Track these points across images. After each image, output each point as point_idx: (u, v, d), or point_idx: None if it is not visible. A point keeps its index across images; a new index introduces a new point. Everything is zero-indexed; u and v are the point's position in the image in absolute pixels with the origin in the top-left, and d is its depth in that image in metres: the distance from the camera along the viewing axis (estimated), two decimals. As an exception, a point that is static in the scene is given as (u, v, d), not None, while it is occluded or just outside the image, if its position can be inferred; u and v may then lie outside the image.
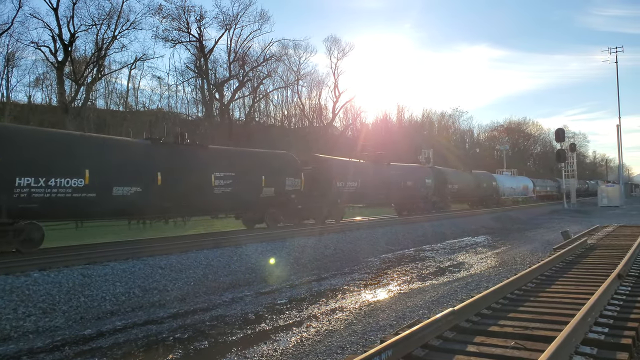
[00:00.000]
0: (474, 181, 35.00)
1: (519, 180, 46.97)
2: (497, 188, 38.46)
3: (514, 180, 45.36)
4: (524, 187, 46.71)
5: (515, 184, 44.61)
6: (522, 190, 45.78)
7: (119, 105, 45.78)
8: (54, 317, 7.80)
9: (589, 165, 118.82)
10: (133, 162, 13.63)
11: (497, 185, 38.69)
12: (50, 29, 35.41)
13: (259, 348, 6.16)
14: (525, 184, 47.58)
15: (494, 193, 37.81)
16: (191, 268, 10.99)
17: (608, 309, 5.94)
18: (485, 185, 36.26)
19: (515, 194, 44.04)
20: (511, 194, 42.57)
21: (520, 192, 45.35)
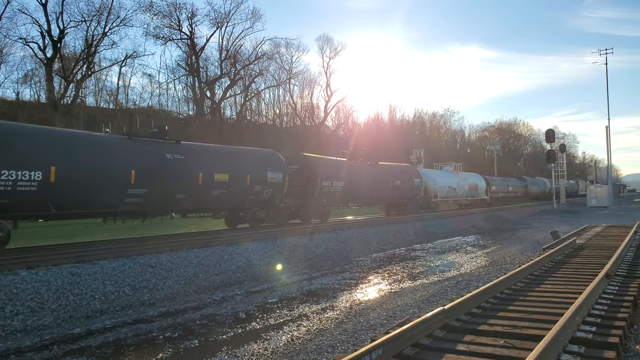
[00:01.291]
0: (377, 177, 24.99)
1: (464, 178, 37.63)
2: (427, 187, 31.06)
3: (454, 177, 36.03)
4: (472, 187, 38.37)
5: (456, 182, 35.60)
6: (467, 191, 37.14)
7: (109, 102, 45.45)
8: (43, 316, 7.72)
9: (579, 165, 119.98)
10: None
11: (427, 183, 31.03)
12: (39, 24, 35.07)
13: (250, 347, 6.15)
14: (474, 182, 39.02)
15: (417, 193, 29.41)
16: (181, 267, 10.94)
17: (596, 308, 6.01)
18: (400, 184, 26.90)
19: (458, 195, 35.64)
20: (450, 194, 34.46)
21: (465, 192, 36.74)
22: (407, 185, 27.21)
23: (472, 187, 38.13)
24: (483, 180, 41.19)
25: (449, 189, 34.30)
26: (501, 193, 46.74)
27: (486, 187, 40.85)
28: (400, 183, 26.34)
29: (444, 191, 33.34)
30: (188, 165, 15.11)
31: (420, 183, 28.52)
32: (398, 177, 26.36)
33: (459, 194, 36.03)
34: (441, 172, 35.95)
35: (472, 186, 38.27)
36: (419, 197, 29.41)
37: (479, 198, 39.62)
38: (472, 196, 38.26)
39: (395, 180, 26.00)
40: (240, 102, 51.96)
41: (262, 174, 17.78)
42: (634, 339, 5.25)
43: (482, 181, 40.88)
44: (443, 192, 33.29)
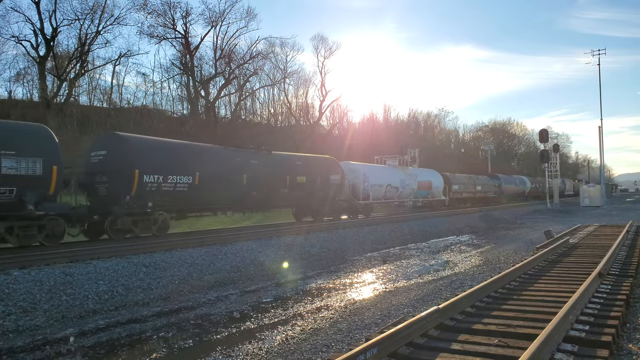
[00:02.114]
0: (267, 172, 18.21)
1: (412, 175, 29.95)
2: (354, 186, 24.04)
3: (396, 174, 28.34)
4: (424, 186, 30.89)
5: (399, 179, 28.07)
6: (416, 191, 29.80)
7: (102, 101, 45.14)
8: (35, 316, 7.67)
9: (572, 165, 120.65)
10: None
11: (354, 180, 24.03)
12: (31, 23, 34.75)
13: (244, 347, 6.13)
14: (426, 179, 31.44)
15: (336, 193, 22.16)
16: (175, 266, 10.90)
17: (589, 306, 6.04)
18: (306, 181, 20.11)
19: (402, 195, 28.55)
20: (390, 195, 27.28)
21: (412, 192, 29.38)
22: (317, 183, 20.75)
23: (423, 185, 30.86)
24: (440, 177, 33.89)
25: (389, 189, 26.94)
26: (466, 193, 39.88)
27: (444, 187, 34.08)
28: (306, 180, 20.15)
29: (379, 191, 26.06)
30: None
31: (339, 180, 22.19)
32: (302, 172, 20.16)
33: (405, 195, 28.70)
34: (377, 167, 28.41)
35: (424, 185, 31.01)
36: (341, 198, 22.77)
37: (434, 199, 32.62)
38: (424, 197, 31.30)
39: (297, 177, 19.77)
40: (235, 101, 51.84)
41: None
42: (626, 338, 5.28)
43: (439, 179, 33.48)
44: (379, 192, 25.98)
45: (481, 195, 43.12)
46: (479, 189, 42.44)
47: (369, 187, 24.98)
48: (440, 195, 33.56)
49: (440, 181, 33.72)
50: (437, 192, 33.19)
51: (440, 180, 33.71)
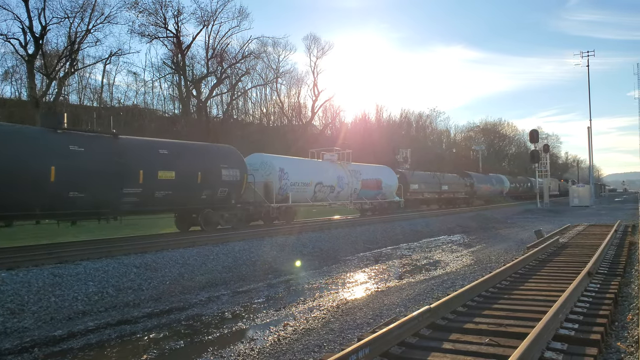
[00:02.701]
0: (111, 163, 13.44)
1: (354, 172, 24.93)
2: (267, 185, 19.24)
3: (330, 170, 23.40)
4: (372, 185, 26.27)
5: (335, 177, 23.28)
6: (360, 191, 25.13)
7: (92, 100, 44.78)
8: (23, 318, 7.58)
9: (562, 165, 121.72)
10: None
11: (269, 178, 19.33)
12: (20, 21, 34.34)
13: (236, 347, 6.11)
14: (374, 178, 26.65)
15: (232, 194, 17.16)
16: (167, 267, 10.84)
17: (578, 305, 6.09)
18: (179, 178, 15.00)
19: (340, 197, 23.70)
20: (322, 196, 22.31)
21: (355, 193, 24.76)
22: (197, 180, 15.56)
23: (370, 184, 26.01)
24: (393, 175, 29.01)
25: (321, 188, 21.94)
26: (429, 193, 34.96)
27: (400, 186, 29.53)
28: (175, 176, 14.76)
29: (305, 191, 21.10)
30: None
31: (238, 177, 17.15)
32: (169, 166, 14.66)
33: (344, 196, 23.83)
34: (300, 161, 23.15)
35: (371, 184, 26.11)
36: (247, 200, 18.55)
37: (385, 201, 27.69)
38: (372, 198, 26.50)
39: (158, 171, 14.34)
40: (227, 101, 51.65)
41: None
42: (615, 336, 5.33)
43: (392, 177, 28.59)
44: (304, 192, 21.05)
45: (448, 196, 38.63)
46: (445, 189, 37.72)
47: (287, 186, 19.97)
48: (393, 195, 28.59)
49: (394, 179, 28.81)
50: (390, 193, 28.23)
51: (393, 179, 28.76)
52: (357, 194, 25.07)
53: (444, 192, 37.61)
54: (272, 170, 19.71)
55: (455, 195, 39.81)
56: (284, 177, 19.97)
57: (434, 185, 36.06)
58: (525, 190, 59.67)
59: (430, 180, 35.93)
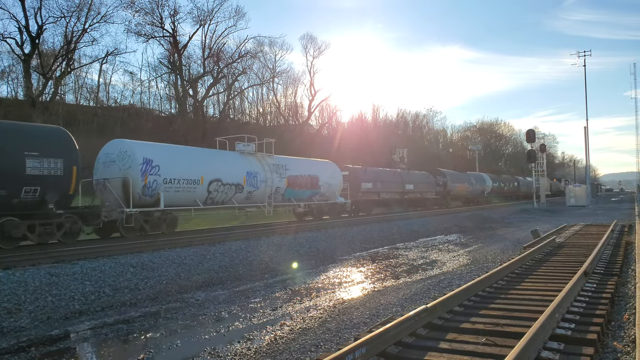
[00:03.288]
0: None
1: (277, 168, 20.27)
2: (125, 184, 14.74)
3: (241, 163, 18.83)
4: (308, 183, 21.85)
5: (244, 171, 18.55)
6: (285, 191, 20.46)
7: (89, 100, 44.69)
8: (20, 317, 7.56)
9: (558, 165, 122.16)
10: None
11: (126, 174, 14.75)
12: (16, 20, 34.24)
13: (233, 347, 6.10)
14: (308, 174, 21.93)
15: (53, 197, 12.27)
16: (163, 266, 10.82)
17: (575, 305, 6.12)
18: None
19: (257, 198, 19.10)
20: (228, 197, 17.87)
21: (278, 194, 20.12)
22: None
23: (302, 183, 21.14)
24: (337, 171, 24.34)
25: (217, 187, 16.97)
26: (388, 194, 30.00)
27: (346, 185, 24.95)
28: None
29: (192, 192, 16.31)
30: None
31: (62, 172, 12.58)
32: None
33: (258, 197, 18.85)
34: (182, 149, 17.77)
35: (303, 182, 21.24)
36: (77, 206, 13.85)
37: (327, 203, 23.30)
38: (306, 199, 22.05)
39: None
40: (223, 100, 51.59)
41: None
42: (611, 335, 5.35)
43: (335, 174, 23.95)
44: (189, 193, 16.25)
45: (414, 197, 33.75)
46: (410, 189, 32.73)
47: (158, 185, 15.07)
48: (335, 196, 23.82)
49: (337, 177, 24.09)
50: (332, 193, 23.38)
51: (336, 176, 23.97)
52: (281, 195, 20.23)
53: (408, 192, 32.56)
54: (133, 162, 14.67)
55: (423, 196, 34.81)
56: (151, 172, 14.90)
57: (394, 184, 31.04)
58: (511, 190, 56.26)
59: (390, 178, 30.78)
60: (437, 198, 37.28)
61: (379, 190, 29.43)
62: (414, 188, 33.33)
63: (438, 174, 38.76)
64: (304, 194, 21.99)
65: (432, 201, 36.53)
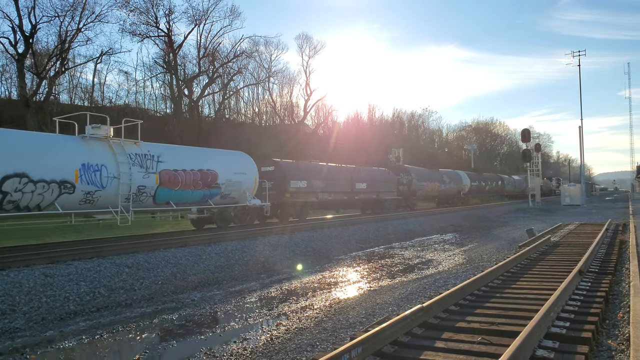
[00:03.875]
0: None
1: (144, 158, 14.91)
2: None
3: (73, 151, 13.24)
4: (202, 181, 16.81)
5: (81, 166, 13.07)
6: (157, 191, 15.11)
7: (84, 100, 44.45)
8: (14, 319, 7.51)
9: (553, 165, 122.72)
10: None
11: None
12: (10, 19, 34.03)
13: (229, 347, 6.09)
14: (198, 169, 16.72)
15: None
16: (159, 267, 10.79)
17: (570, 304, 6.14)
18: None
19: (104, 200, 13.78)
20: (31, 200, 11.95)
21: (145, 195, 14.83)
22: None
23: (187, 181, 16.12)
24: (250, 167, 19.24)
25: (24, 186, 11.83)
26: (328, 194, 24.88)
27: (262, 184, 19.91)
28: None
29: None
30: None
31: None
32: None
33: (107, 200, 13.88)
34: None
35: (190, 179, 16.21)
36: None
37: (237, 206, 18.68)
38: (197, 202, 17.19)
39: None
40: (219, 100, 51.49)
41: None
42: (606, 334, 5.38)
43: (247, 170, 18.92)
44: None
45: (367, 197, 28.38)
46: (362, 188, 27.51)
47: None
48: (247, 197, 18.61)
49: (249, 173, 18.92)
50: (240, 193, 18.36)
51: (248, 172, 18.87)
52: (151, 197, 15.03)
53: (359, 192, 27.42)
54: None
55: (380, 197, 29.40)
56: None
57: (340, 183, 25.85)
58: (494, 190, 51.52)
59: (334, 175, 25.71)
60: (398, 199, 32.01)
61: (316, 191, 23.96)
62: (367, 187, 28.10)
63: (402, 171, 33.79)
64: (193, 195, 16.57)
65: (392, 203, 31.04)
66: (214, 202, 17.68)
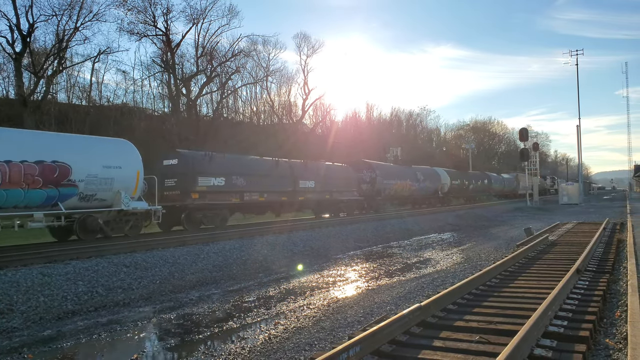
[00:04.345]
0: None
1: None
2: None
3: None
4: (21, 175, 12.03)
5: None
6: None
7: (81, 99, 44.32)
8: (12, 318, 7.50)
9: (551, 164, 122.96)
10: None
11: None
12: (7, 18, 33.86)
13: (227, 346, 6.09)
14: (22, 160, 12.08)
15: None
16: (157, 266, 10.78)
17: (567, 302, 6.15)
18: None
19: None
20: None
21: None
22: None
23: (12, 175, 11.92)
24: (128, 156, 15.32)
25: None
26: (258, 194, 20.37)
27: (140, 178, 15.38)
28: None
29: None
30: None
31: None
32: None
33: None
34: None
35: (16, 173, 12.02)
36: None
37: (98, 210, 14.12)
38: (39, 205, 12.67)
39: None
40: (217, 99, 51.39)
41: None
42: (603, 333, 5.39)
43: (123, 161, 14.96)
44: None
45: (318, 198, 23.91)
46: (307, 187, 23.16)
47: None
48: (122, 199, 14.47)
49: (129, 166, 15.06)
50: (111, 194, 14.37)
51: (127, 164, 15.01)
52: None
53: (304, 191, 22.94)
54: None
55: (334, 197, 25.08)
56: None
57: (276, 181, 21.29)
58: (480, 189, 46.52)
59: (267, 171, 21.17)
60: (359, 200, 27.68)
61: (240, 189, 19.54)
62: (316, 186, 23.62)
63: (365, 168, 29.12)
64: (29, 196, 12.42)
65: (350, 204, 26.51)
66: (67, 205, 13.31)
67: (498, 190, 52.90)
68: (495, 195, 52.39)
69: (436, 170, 39.48)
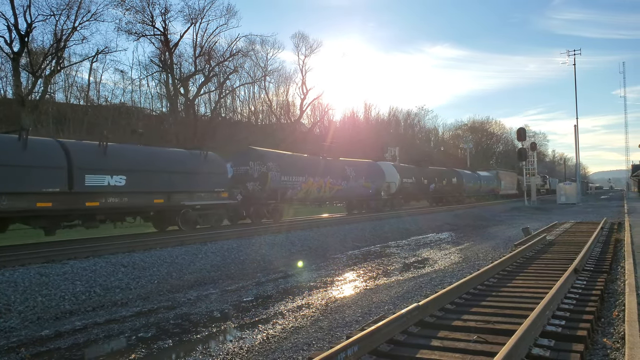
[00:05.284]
0: None
1: None
2: None
3: None
4: None
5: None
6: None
7: (79, 99, 44.24)
8: (9, 318, 7.48)
9: (549, 163, 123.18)
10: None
11: None
12: (5, 18, 33.83)
13: (225, 346, 6.08)
14: None
15: None
16: (155, 266, 10.77)
17: (565, 302, 6.16)
18: None
19: None
20: None
21: None
22: None
23: None
24: None
25: None
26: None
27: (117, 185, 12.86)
28: None
29: None
30: None
31: None
32: None
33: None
34: None
35: None
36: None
37: None
38: None
39: None
40: (215, 99, 51.37)
41: None
42: (601, 332, 5.40)
43: None
44: None
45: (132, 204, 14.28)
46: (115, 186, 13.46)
47: None
48: None
49: None
50: None
51: None
52: None
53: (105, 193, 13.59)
54: None
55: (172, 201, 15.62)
56: None
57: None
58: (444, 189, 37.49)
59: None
60: (229, 204, 18.22)
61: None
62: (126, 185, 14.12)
63: (252, 159, 19.99)
64: None
65: (212, 211, 17.35)
66: None
67: (473, 190, 43.61)
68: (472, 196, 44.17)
69: (379, 165, 29.59)
